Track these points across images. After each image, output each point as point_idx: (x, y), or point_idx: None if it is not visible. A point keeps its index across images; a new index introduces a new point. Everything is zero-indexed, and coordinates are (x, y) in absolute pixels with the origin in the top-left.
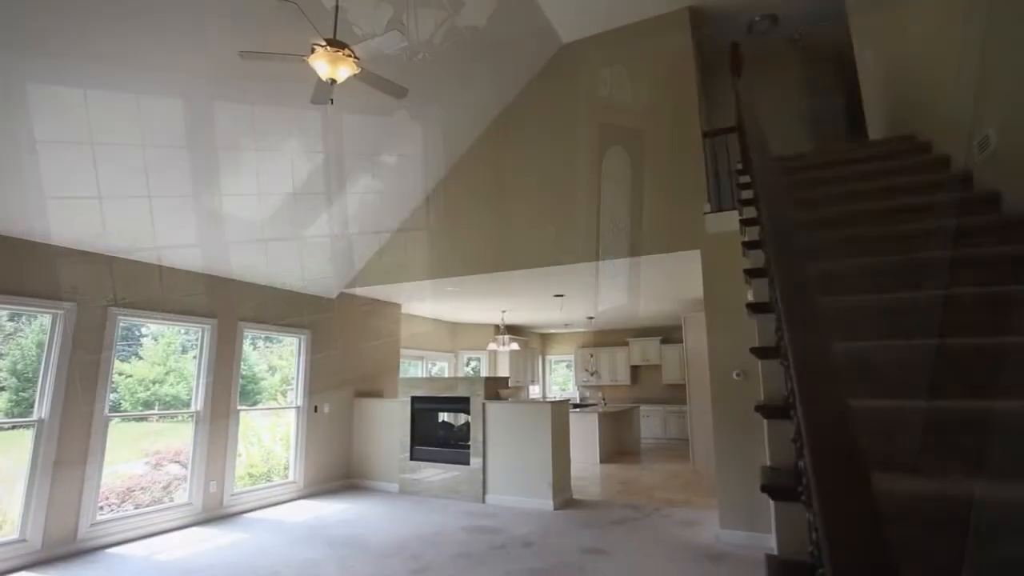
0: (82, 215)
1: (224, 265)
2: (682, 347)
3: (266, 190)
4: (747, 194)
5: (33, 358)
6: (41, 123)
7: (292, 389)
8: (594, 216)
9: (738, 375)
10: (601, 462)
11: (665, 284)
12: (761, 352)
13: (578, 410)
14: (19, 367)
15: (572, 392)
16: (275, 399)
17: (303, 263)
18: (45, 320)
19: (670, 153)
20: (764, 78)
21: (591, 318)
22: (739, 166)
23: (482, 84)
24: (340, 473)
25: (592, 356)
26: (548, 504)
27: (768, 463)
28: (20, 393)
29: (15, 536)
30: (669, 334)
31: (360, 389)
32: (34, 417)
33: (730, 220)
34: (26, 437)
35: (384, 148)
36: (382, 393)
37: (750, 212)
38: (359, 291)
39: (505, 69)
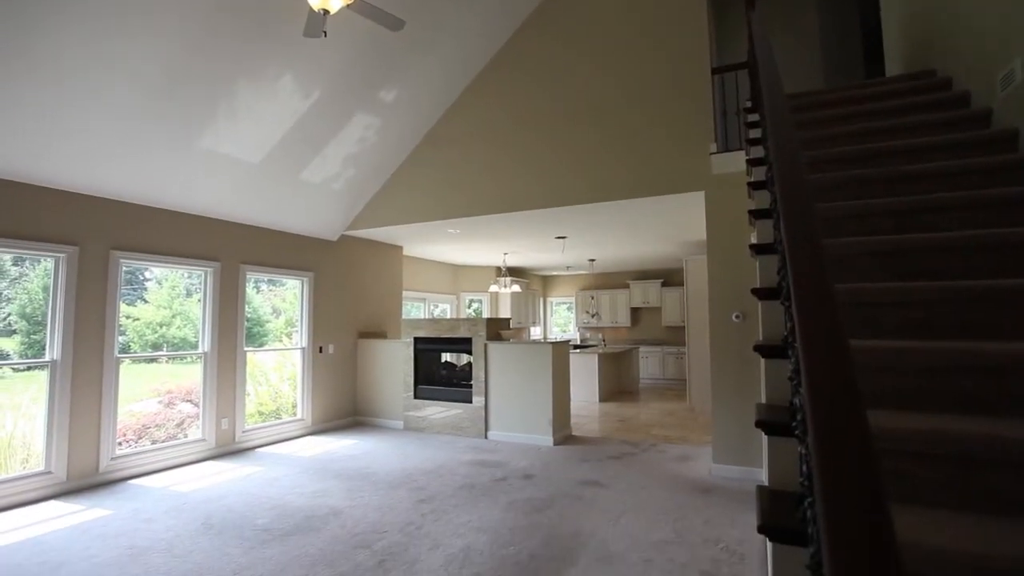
0: (80, 158)
1: (224, 208)
2: (683, 290)
3: (263, 131)
4: (755, 133)
5: (41, 302)
6: (39, 66)
7: (297, 331)
8: (597, 156)
9: (737, 317)
10: (600, 401)
11: (667, 226)
12: (762, 293)
13: (578, 351)
14: (28, 310)
15: (573, 334)
16: (280, 340)
17: (303, 205)
18: (49, 264)
19: (677, 90)
20: (780, 15)
21: (592, 260)
22: (748, 104)
23: (483, 16)
24: (346, 411)
25: (593, 298)
26: (548, 440)
27: (763, 401)
28: (32, 336)
29: (41, 468)
30: (670, 277)
31: (363, 330)
32: (47, 358)
33: (736, 161)
34: (41, 378)
35: (382, 85)
36: (385, 334)
37: (757, 152)
38: (360, 233)
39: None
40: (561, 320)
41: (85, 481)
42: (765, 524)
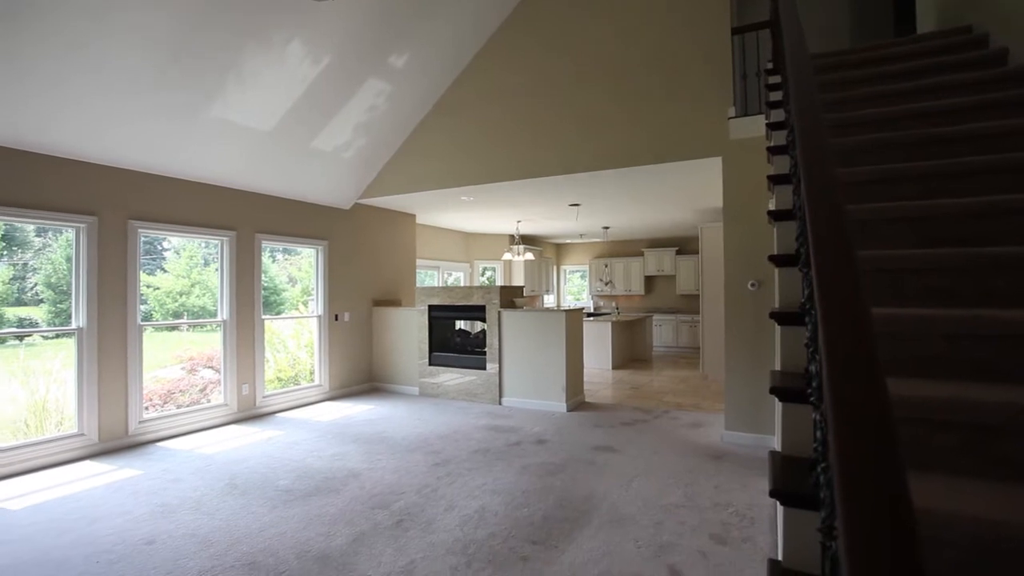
0: (92, 128)
1: (238, 177)
2: (698, 258)
3: (273, 98)
4: (776, 96)
5: (65, 271)
6: (49, 36)
7: (313, 299)
8: (612, 121)
9: (753, 285)
10: (613, 368)
11: (683, 193)
12: (780, 260)
13: (592, 319)
14: (53, 280)
15: (586, 302)
16: (297, 309)
17: (315, 174)
18: (70, 234)
19: (695, 52)
20: None
21: (606, 228)
22: (769, 65)
23: None
24: (363, 377)
25: (607, 266)
26: (562, 406)
27: (778, 368)
28: (58, 305)
29: (74, 430)
30: (685, 245)
31: (378, 298)
32: (73, 326)
33: (755, 125)
34: (69, 345)
35: (392, 49)
36: (399, 302)
37: (778, 116)
38: (373, 202)
39: None
40: (575, 288)
41: (115, 443)
42: (777, 488)
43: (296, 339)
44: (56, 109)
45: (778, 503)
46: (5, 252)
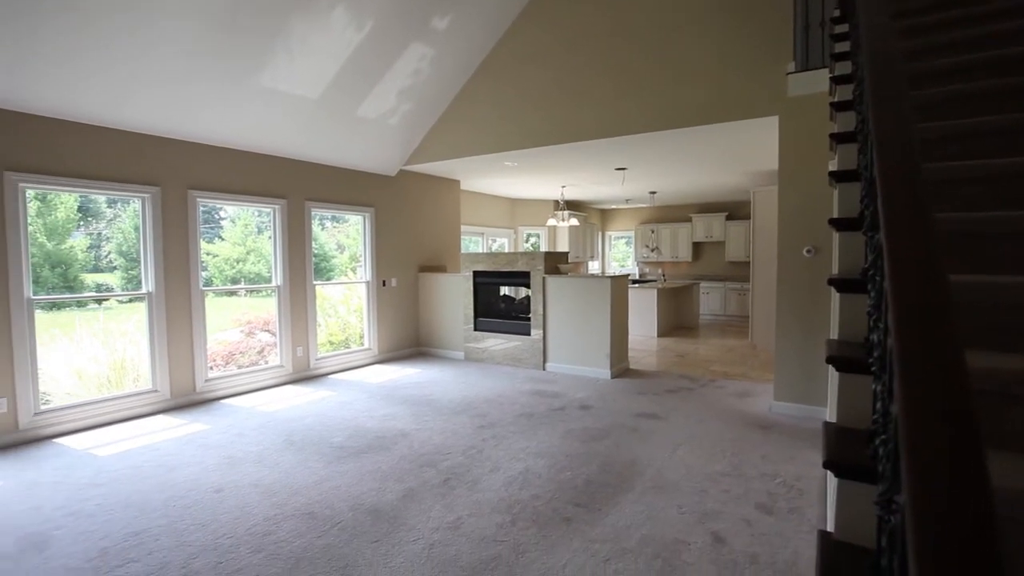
0: (151, 101)
1: (287, 146)
2: (749, 223)
3: (319, 65)
4: (843, 47)
5: (134, 240)
6: (116, 11)
7: (361, 265)
8: (660, 81)
9: (809, 252)
10: (659, 336)
11: (735, 155)
12: (841, 223)
13: (637, 286)
14: (124, 248)
15: (632, 268)
16: (346, 275)
17: (361, 141)
18: (137, 204)
19: (752, 1)
20: None
21: (653, 193)
22: (836, 12)
23: None
24: (410, 341)
25: (653, 232)
26: (606, 373)
27: (834, 337)
28: (129, 271)
29: (149, 387)
30: (735, 210)
31: (424, 264)
32: (143, 291)
33: (816, 80)
34: (140, 308)
35: (435, 11)
36: (445, 268)
37: (844, 68)
38: (418, 168)
39: None
40: (620, 254)
41: (185, 399)
42: (831, 459)
43: (346, 304)
44: (123, 86)
45: (831, 474)
46: (82, 223)
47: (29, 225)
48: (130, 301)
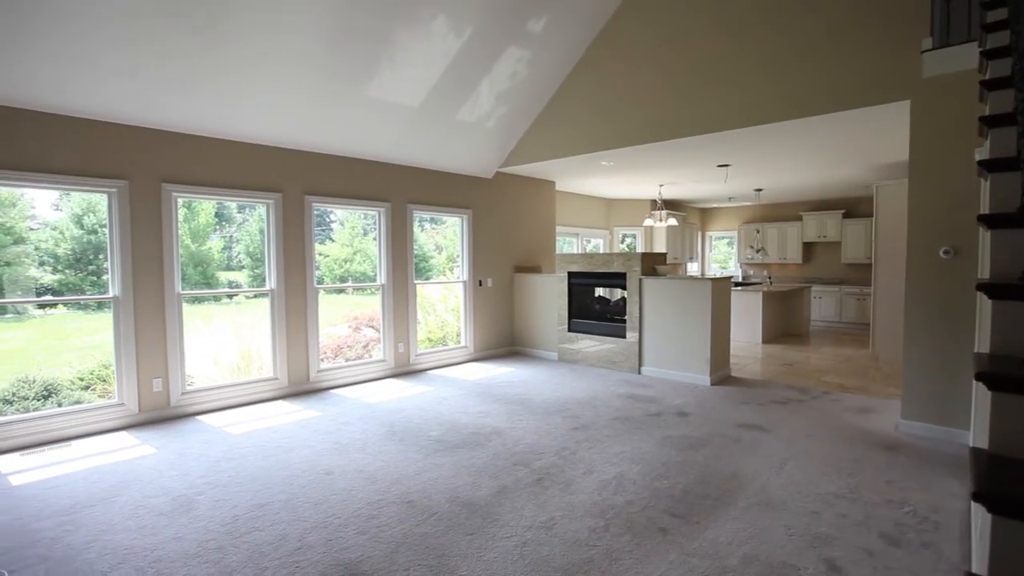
0: (272, 116)
1: (391, 151)
2: (870, 221)
3: (420, 74)
4: (997, 15)
5: (258, 242)
6: (238, 37)
7: (458, 265)
8: (769, 69)
9: (947, 253)
10: (763, 342)
11: (855, 146)
12: (995, 220)
13: (740, 288)
14: (251, 249)
15: (734, 270)
16: (444, 274)
17: (459, 145)
18: (262, 209)
19: None
20: None
21: (759, 190)
22: None
23: None
24: (504, 341)
25: (758, 232)
26: (705, 379)
27: (983, 350)
28: (255, 270)
29: (271, 375)
30: (854, 207)
31: (519, 265)
32: (267, 287)
33: (957, 58)
34: (264, 303)
35: (531, 14)
36: (540, 269)
37: (999, 40)
38: (514, 170)
39: None
40: (721, 256)
41: (300, 388)
42: (983, 492)
43: (444, 303)
44: (238, 101)
45: (980, 509)
46: (217, 226)
47: (178, 229)
48: (255, 297)
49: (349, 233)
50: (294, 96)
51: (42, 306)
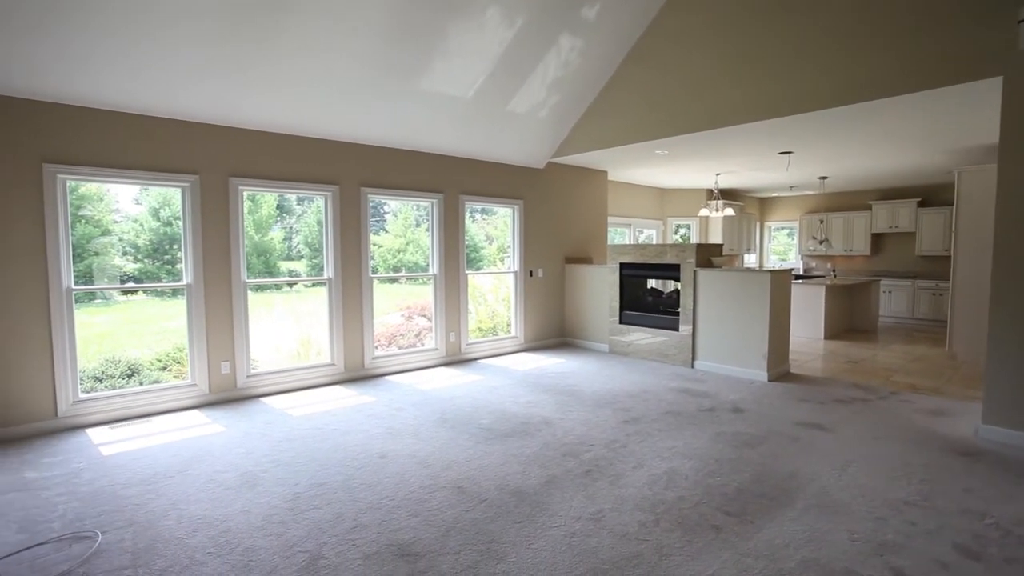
0: (332, 110)
1: (444, 143)
2: (950, 210)
3: (473, 65)
4: None
5: (316, 233)
6: (304, 39)
7: (509, 256)
8: (836, 47)
9: None
10: (826, 338)
11: (934, 128)
12: None
13: (801, 281)
14: (309, 239)
15: (795, 262)
16: (495, 265)
17: (511, 135)
18: (320, 201)
19: None
20: None
21: (823, 179)
22: None
23: None
24: (555, 331)
25: (822, 222)
26: (762, 375)
27: None
28: (313, 260)
29: (328, 361)
30: (931, 195)
31: (570, 256)
32: (324, 277)
33: None
34: (322, 292)
35: (583, 1)
36: (591, 259)
37: None
38: (566, 160)
39: None
40: (780, 247)
41: (355, 374)
42: None
43: (495, 293)
44: (301, 99)
45: None
46: (278, 218)
47: (243, 221)
48: (313, 286)
49: (402, 224)
50: (353, 92)
51: (125, 292)
